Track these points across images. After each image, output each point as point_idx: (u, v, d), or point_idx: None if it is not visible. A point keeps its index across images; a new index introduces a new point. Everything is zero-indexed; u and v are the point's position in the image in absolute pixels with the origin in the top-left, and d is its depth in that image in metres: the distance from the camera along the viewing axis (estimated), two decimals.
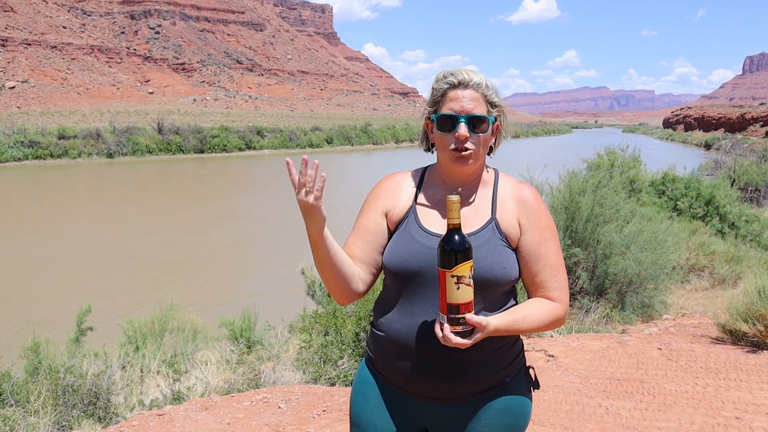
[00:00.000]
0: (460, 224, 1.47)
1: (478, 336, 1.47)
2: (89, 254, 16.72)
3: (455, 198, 1.46)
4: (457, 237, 1.46)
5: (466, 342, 1.45)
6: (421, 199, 1.67)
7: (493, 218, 1.61)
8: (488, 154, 1.68)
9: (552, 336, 6.06)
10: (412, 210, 1.64)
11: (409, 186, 1.69)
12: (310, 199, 1.47)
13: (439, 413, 1.61)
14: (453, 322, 1.46)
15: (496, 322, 1.49)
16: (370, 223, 1.67)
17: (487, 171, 1.70)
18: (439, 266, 1.46)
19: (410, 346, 1.56)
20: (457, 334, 1.46)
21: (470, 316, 1.45)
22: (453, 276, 1.44)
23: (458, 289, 1.44)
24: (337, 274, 1.60)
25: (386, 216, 1.67)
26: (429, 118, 1.65)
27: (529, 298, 1.66)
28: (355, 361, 5.47)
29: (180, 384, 5.40)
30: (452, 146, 1.58)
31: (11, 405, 4.58)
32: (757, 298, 5.08)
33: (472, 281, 1.45)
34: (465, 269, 1.44)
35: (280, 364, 5.90)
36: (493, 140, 1.66)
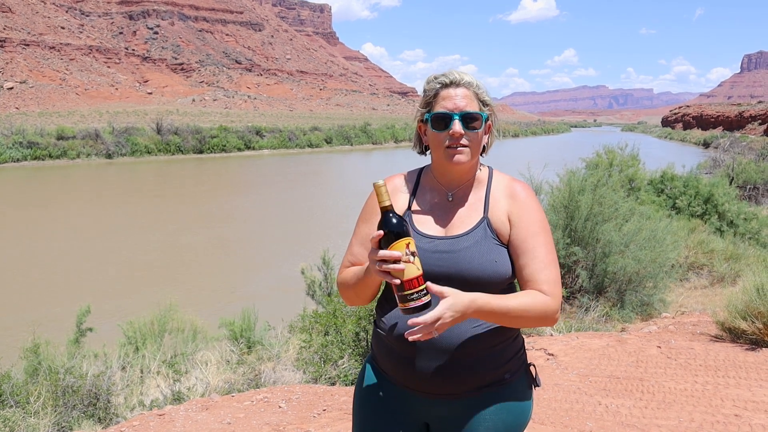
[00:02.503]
0: (391, 205, 1.50)
1: (440, 314, 1.41)
2: (88, 255, 16.71)
3: (380, 182, 1.51)
4: (390, 216, 1.49)
5: (420, 320, 1.42)
6: (417, 202, 1.70)
7: (485, 217, 1.63)
8: (481, 154, 1.70)
9: (551, 335, 6.07)
10: (407, 214, 1.67)
11: (405, 189, 1.72)
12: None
13: (440, 409, 1.63)
14: (402, 300, 1.48)
15: (477, 296, 1.46)
16: (373, 233, 1.69)
17: (481, 170, 1.72)
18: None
19: (412, 343, 1.58)
20: (408, 311, 1.46)
21: (430, 284, 1.46)
22: None
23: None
24: (370, 292, 1.66)
25: None
26: (422, 119, 1.67)
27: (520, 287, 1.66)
28: (355, 360, 5.48)
29: (180, 384, 5.41)
30: (447, 143, 1.60)
31: (11, 406, 4.59)
32: (755, 295, 5.09)
33: (412, 257, 1.46)
34: (401, 246, 1.47)
35: (281, 363, 5.90)
36: (485, 140, 1.67)
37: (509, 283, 1.64)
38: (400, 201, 1.70)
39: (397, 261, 1.46)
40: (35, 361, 5.42)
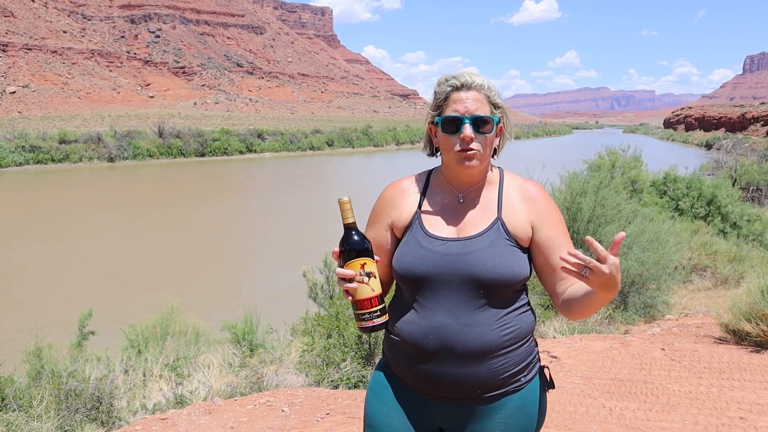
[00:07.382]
0: (354, 222, 1.52)
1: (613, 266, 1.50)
2: (91, 258, 16.73)
3: (345, 199, 1.52)
4: (352, 234, 1.50)
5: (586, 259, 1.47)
6: (426, 204, 1.69)
7: (499, 218, 1.62)
8: (492, 156, 1.69)
9: (555, 337, 6.06)
10: (417, 216, 1.66)
11: (414, 192, 1.71)
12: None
13: (455, 413, 1.63)
14: (355, 317, 1.51)
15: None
16: (378, 238, 1.71)
17: (492, 171, 1.71)
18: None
19: (425, 347, 1.58)
20: (360, 329, 1.51)
21: (590, 239, 1.45)
22: None
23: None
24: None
25: (391, 227, 1.70)
26: (433, 122, 1.66)
27: (550, 289, 1.66)
28: (358, 363, 5.46)
29: (183, 388, 5.40)
30: (457, 147, 1.59)
31: (14, 410, 4.58)
32: (760, 297, 5.07)
33: (367, 278, 1.49)
34: (355, 266, 1.48)
35: (283, 367, 5.89)
36: (497, 142, 1.67)
37: (523, 284, 1.65)
38: (409, 202, 1.69)
39: (351, 279, 1.47)
40: (38, 364, 5.42)
